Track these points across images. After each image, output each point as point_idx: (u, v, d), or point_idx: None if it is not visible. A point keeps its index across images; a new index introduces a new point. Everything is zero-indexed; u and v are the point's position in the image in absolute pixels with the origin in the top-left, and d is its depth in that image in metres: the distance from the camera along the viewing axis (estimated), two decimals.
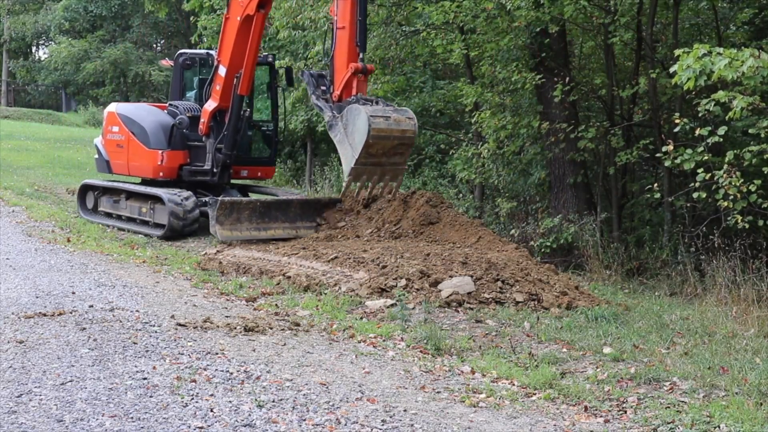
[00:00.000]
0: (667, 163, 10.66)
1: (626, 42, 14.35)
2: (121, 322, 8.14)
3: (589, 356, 7.77)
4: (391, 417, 5.96)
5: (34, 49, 54.81)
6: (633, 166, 14.30)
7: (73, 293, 9.31)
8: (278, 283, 10.40)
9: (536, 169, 15.62)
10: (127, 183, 15.20)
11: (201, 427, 5.57)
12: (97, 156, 15.96)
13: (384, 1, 17.04)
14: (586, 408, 6.38)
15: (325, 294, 9.81)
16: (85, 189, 15.65)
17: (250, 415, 5.83)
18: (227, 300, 9.65)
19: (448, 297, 9.46)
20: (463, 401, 6.43)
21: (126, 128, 15.06)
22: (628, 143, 14.06)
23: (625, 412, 6.32)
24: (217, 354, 7.26)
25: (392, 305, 9.20)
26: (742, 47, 8.51)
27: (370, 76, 12.99)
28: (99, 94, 43.92)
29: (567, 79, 13.87)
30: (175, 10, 38.00)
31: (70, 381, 6.36)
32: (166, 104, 15.48)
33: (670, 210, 13.17)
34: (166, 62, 16.02)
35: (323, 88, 12.41)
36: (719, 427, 5.91)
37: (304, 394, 6.33)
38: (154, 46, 48.12)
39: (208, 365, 6.90)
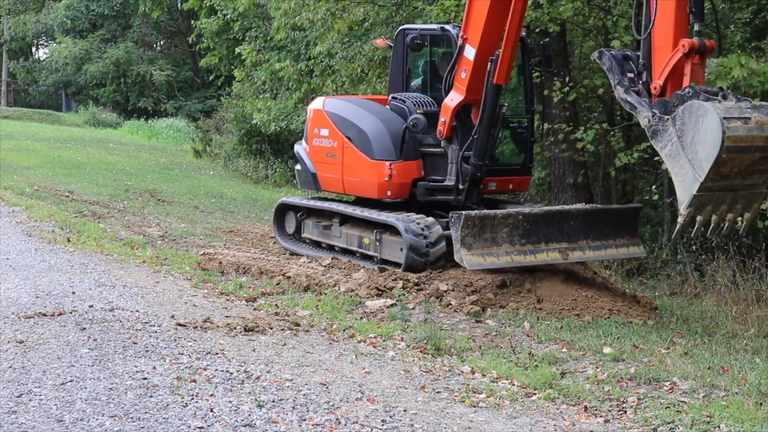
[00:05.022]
0: (665, 166, 10.66)
1: (626, 43, 14.35)
2: (121, 322, 8.14)
3: (589, 356, 7.77)
4: (391, 417, 5.96)
5: (34, 49, 54.81)
6: (633, 166, 14.32)
7: (73, 293, 9.31)
8: (278, 283, 10.39)
9: (536, 169, 15.63)
10: (340, 204, 12.09)
11: (201, 427, 5.57)
12: (298, 167, 12.57)
13: (385, 2, 17.07)
14: (586, 408, 6.39)
15: (325, 294, 9.81)
16: (283, 209, 12.66)
17: (250, 415, 5.83)
18: (227, 300, 9.65)
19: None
20: (463, 401, 6.43)
21: (340, 131, 11.61)
22: (628, 143, 14.08)
23: (625, 412, 6.32)
24: (217, 354, 7.26)
25: (392, 305, 9.21)
26: (733, 53, 8.37)
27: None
28: (99, 95, 43.93)
29: (567, 78, 13.88)
30: (175, 9, 38.02)
31: (70, 381, 6.36)
32: (387, 97, 11.84)
33: (670, 210, 13.18)
34: (382, 42, 13.00)
35: (631, 75, 8.64)
36: (719, 427, 5.91)
37: (304, 394, 6.33)
38: (154, 45, 48.11)
39: (208, 365, 6.90)
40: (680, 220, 7.96)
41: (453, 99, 10.67)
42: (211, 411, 5.87)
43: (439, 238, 10.38)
